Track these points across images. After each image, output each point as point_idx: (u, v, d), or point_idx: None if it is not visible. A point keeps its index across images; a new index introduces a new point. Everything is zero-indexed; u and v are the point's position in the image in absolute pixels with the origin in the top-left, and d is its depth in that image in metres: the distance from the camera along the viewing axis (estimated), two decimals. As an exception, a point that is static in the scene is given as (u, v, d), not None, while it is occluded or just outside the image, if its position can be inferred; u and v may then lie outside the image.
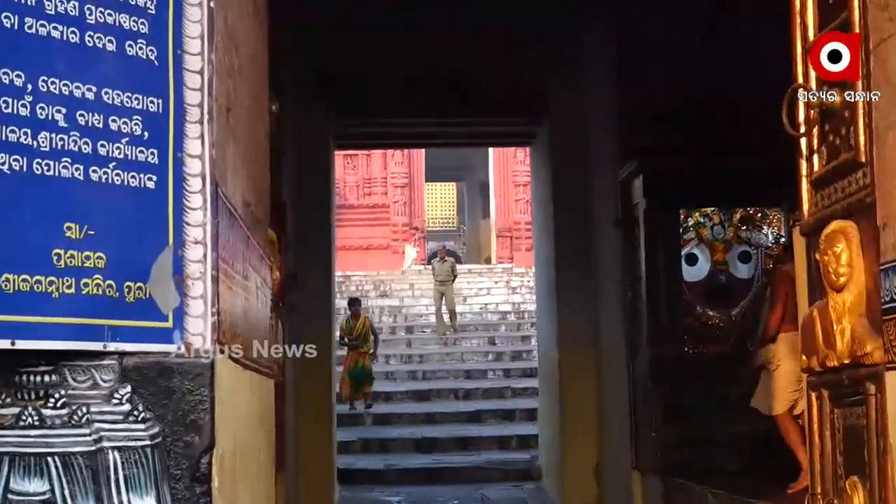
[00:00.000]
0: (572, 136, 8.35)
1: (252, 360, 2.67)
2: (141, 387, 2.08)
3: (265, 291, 3.08)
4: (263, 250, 3.07)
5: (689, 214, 7.11)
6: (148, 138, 2.11)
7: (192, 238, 2.13)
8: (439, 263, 18.28)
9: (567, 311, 8.47)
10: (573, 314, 8.40)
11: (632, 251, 7.15)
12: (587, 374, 8.28)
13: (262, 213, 3.08)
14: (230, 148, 2.41)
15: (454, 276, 18.11)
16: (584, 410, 8.29)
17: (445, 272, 17.94)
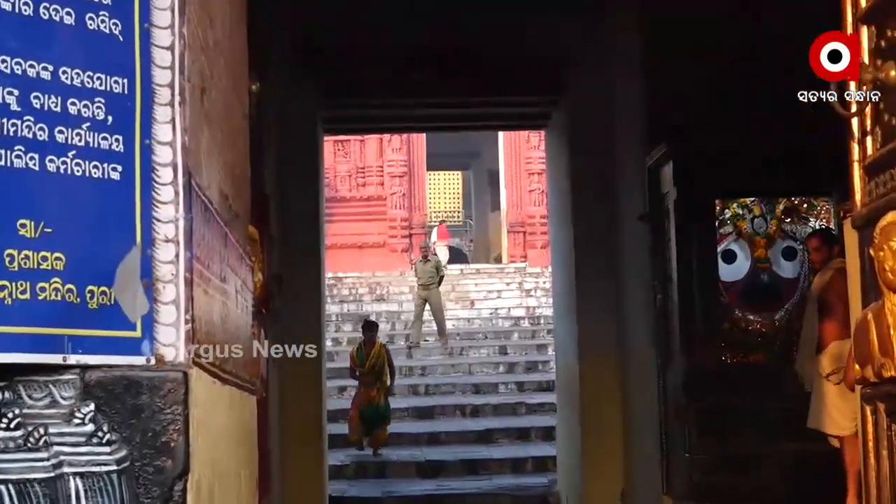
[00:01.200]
0: (593, 117, 8.34)
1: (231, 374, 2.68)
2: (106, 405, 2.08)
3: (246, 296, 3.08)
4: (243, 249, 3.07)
5: (727, 205, 7.11)
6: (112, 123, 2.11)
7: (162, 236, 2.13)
8: (422, 263, 17.61)
9: (588, 316, 8.47)
10: (595, 320, 8.39)
11: (661, 248, 7.15)
12: (611, 387, 8.28)
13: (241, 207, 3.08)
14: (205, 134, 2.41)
15: (440, 277, 17.60)
16: (608, 428, 8.29)
17: (429, 274, 17.34)
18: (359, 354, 11.79)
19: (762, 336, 6.99)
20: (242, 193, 3.14)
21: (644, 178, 7.37)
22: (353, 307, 20.16)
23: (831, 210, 7.07)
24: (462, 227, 31.65)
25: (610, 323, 8.29)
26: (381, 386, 11.86)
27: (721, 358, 6.88)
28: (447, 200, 32.96)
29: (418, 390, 15.02)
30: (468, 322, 19.51)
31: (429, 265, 17.51)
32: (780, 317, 7.02)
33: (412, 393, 14.80)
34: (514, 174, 25.35)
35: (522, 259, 24.47)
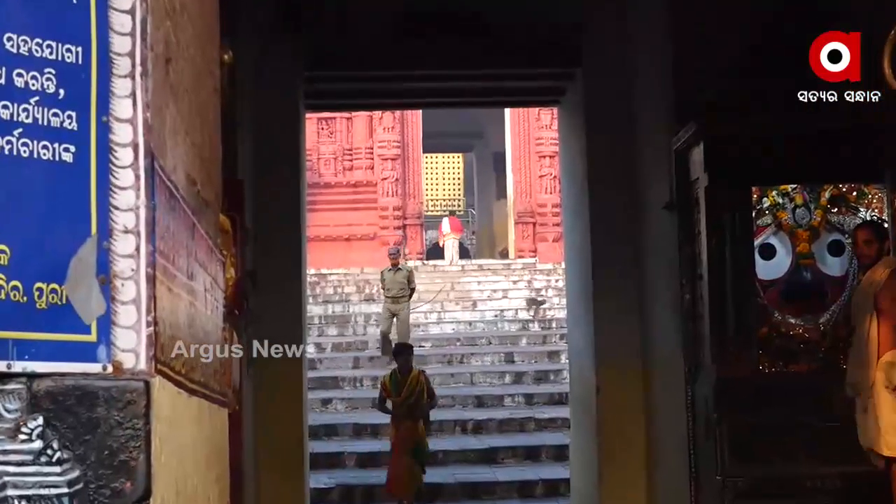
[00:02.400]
0: (613, 91, 8.34)
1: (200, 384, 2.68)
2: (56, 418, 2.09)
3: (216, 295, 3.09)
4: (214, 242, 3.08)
5: (765, 193, 7.10)
6: (64, 98, 2.11)
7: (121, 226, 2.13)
8: (391, 272, 17.11)
9: (607, 319, 8.48)
10: (615, 323, 8.40)
11: (690, 242, 7.16)
12: (633, 400, 8.29)
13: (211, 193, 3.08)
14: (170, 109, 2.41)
15: (411, 289, 17.21)
16: (629, 447, 8.30)
17: (399, 285, 16.96)
18: (392, 383, 10.69)
19: (805, 342, 6.99)
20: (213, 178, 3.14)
21: (671, 162, 7.37)
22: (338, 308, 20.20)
23: (884, 199, 7.07)
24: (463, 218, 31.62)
25: (631, 327, 8.29)
26: (423, 419, 10.70)
27: (758, 367, 6.88)
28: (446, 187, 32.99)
29: (412, 403, 15.02)
30: (469, 326, 19.55)
31: (399, 274, 17.06)
32: (825, 320, 7.02)
33: (406, 406, 14.80)
34: (523, 157, 25.37)
35: (532, 254, 24.51)
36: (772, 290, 7.05)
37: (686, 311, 7.25)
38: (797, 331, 7.01)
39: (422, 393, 10.60)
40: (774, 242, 7.12)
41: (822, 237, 7.13)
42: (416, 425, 10.53)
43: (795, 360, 6.95)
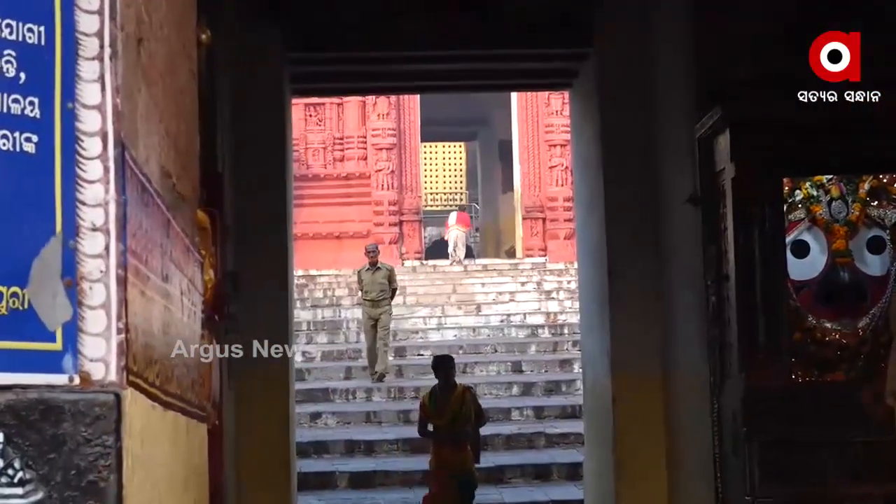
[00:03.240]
0: (630, 73, 8.33)
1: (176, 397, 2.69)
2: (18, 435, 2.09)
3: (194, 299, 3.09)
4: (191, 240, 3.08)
5: (798, 185, 7.10)
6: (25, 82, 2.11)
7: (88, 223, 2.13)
8: (369, 272, 16.68)
9: (625, 324, 8.47)
10: (633, 329, 8.39)
11: (716, 239, 7.15)
12: (653, 413, 8.28)
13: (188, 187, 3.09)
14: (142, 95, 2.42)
15: (393, 290, 16.83)
16: (648, 466, 8.29)
17: (379, 286, 16.51)
18: (432, 402, 9.97)
19: (842, 349, 6.98)
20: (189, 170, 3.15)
21: (694, 151, 7.36)
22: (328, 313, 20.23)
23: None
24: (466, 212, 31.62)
25: (651, 333, 8.28)
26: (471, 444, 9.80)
27: (791, 377, 6.88)
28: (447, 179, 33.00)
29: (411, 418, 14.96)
30: (473, 332, 19.55)
31: (379, 274, 16.60)
32: (864, 325, 7.01)
33: (403, 421, 14.80)
34: (531, 146, 25.37)
35: (541, 252, 24.51)
36: (805, 292, 7.05)
37: (711, 315, 7.25)
38: (833, 336, 7.00)
39: (468, 413, 9.79)
40: (808, 239, 7.11)
41: (860, 233, 7.12)
42: (462, 451, 9.66)
43: (832, 369, 6.94)
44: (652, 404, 8.29)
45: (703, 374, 7.38)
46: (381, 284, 16.49)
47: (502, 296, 21.21)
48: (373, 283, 16.51)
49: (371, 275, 16.61)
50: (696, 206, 7.39)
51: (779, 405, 6.76)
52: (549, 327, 19.48)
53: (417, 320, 19.92)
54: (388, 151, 24.59)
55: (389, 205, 24.46)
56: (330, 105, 24.34)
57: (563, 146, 23.50)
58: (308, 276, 21.59)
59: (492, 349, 18.38)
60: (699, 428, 7.48)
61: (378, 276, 16.59)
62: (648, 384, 8.28)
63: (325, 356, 17.85)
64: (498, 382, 16.44)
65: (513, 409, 15.24)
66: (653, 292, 8.31)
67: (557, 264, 22.91)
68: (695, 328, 7.57)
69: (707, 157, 7.24)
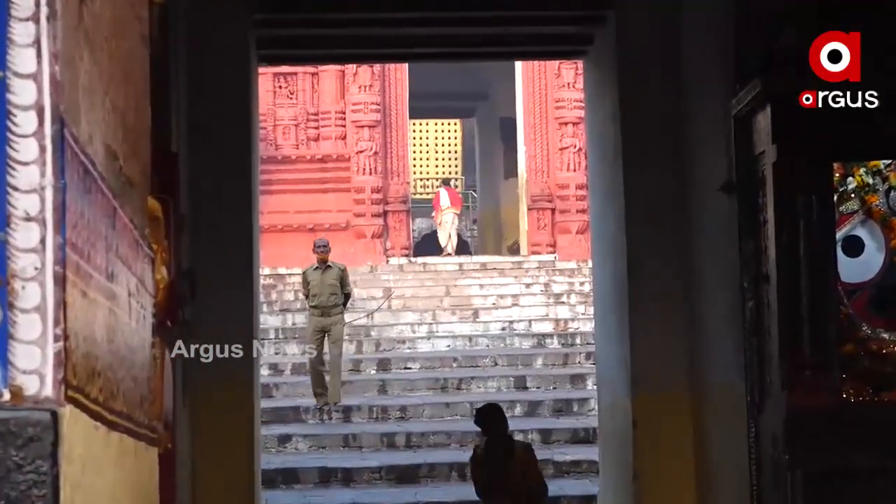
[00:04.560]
0: (654, 40, 8.34)
1: (122, 415, 2.69)
2: (-62, 459, 2.08)
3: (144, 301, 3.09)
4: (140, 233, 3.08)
5: (850, 172, 7.10)
6: (-53, 46, 2.11)
7: (21, 212, 2.13)
8: (318, 271, 15.91)
9: (647, 332, 8.48)
10: (657, 339, 8.41)
11: (754, 234, 7.16)
12: (679, 437, 8.30)
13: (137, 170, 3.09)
14: (85, 63, 2.41)
15: (346, 295, 16.09)
16: (674, 499, 8.30)
17: (329, 289, 15.68)
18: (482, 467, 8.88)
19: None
20: (139, 151, 3.14)
21: (729, 131, 7.37)
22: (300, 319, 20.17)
23: None
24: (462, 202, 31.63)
25: (678, 343, 8.30)
26: None
27: (841, 395, 6.88)
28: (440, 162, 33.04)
29: (395, 442, 15.04)
30: (469, 341, 19.54)
31: (329, 275, 15.78)
32: (928, 335, 7.03)
33: (387, 445, 14.82)
34: (539, 125, 25.37)
35: (550, 249, 24.52)
36: (859, 297, 7.05)
37: (748, 322, 7.26)
38: (891, 349, 7.02)
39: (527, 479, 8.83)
40: (862, 235, 7.12)
41: (923, 228, 7.14)
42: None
43: (889, 387, 6.95)
44: (678, 427, 8.30)
45: (738, 391, 7.39)
46: (332, 287, 15.76)
47: (504, 299, 21.20)
48: (322, 286, 15.74)
49: (320, 275, 15.84)
50: (731, 196, 7.39)
51: (827, 428, 6.77)
52: (558, 336, 19.48)
53: (404, 327, 19.91)
54: (371, 130, 24.57)
55: (372, 192, 24.44)
56: (303, 75, 24.30)
57: (576, 124, 23.48)
58: (276, 275, 21.58)
59: (491, 362, 18.37)
60: (734, 455, 7.49)
61: (328, 276, 15.84)
62: (674, 404, 8.29)
63: (297, 369, 17.81)
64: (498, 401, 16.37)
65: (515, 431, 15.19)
66: (680, 296, 8.32)
67: (568, 263, 22.91)
68: (729, 338, 7.58)
69: (744, 138, 7.24)
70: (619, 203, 8.83)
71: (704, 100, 7.89)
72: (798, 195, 6.88)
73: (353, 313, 19.49)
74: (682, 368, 8.29)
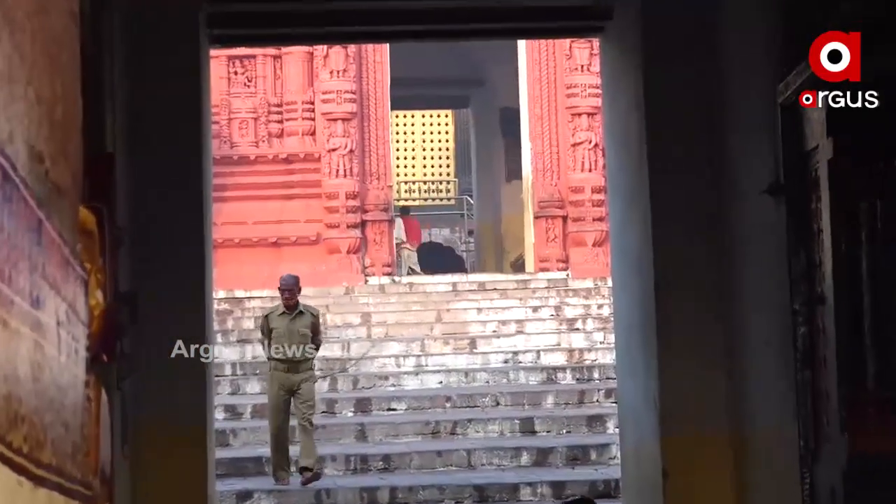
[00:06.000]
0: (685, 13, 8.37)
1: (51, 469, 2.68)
2: None
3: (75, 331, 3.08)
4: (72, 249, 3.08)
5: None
6: None
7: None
8: (282, 318, 14.92)
9: (678, 364, 8.48)
10: (690, 373, 8.41)
11: (806, 244, 7.17)
12: (719, 490, 8.31)
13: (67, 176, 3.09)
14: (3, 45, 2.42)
15: (317, 346, 15.21)
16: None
17: (298, 339, 14.70)
18: None
19: None
20: (69, 152, 3.14)
21: (775, 123, 7.38)
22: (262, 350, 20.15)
23: None
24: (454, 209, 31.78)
25: (715, 378, 8.30)
26: None
27: (914, 439, 6.90)
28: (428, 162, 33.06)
29: (378, 499, 15.02)
30: (466, 377, 19.52)
31: (299, 322, 14.86)
32: None
33: (368, 503, 14.81)
34: (546, 115, 25.39)
35: (561, 265, 24.52)
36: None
37: (801, 352, 7.26)
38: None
39: None
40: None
41: None
42: None
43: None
44: (717, 478, 8.32)
45: (789, 435, 7.40)
46: (302, 337, 14.74)
47: (506, 326, 21.20)
48: (290, 335, 14.69)
49: (287, 322, 14.83)
50: (779, 200, 7.40)
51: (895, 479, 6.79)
52: (572, 370, 19.48)
53: (387, 360, 19.89)
54: (346, 123, 24.56)
55: (347, 198, 24.42)
56: (263, 58, 24.30)
57: (591, 115, 23.54)
58: (233, 298, 21.56)
59: (492, 401, 18.34)
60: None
61: (298, 324, 14.84)
62: (712, 450, 8.30)
63: (258, 412, 17.76)
64: (501, 448, 16.42)
65: (522, 484, 15.24)
66: (718, 320, 8.33)
67: (583, 281, 22.93)
68: (777, 370, 7.59)
69: (794, 131, 7.26)
70: (644, 209, 8.84)
71: (745, 84, 7.90)
72: (859, 199, 6.89)
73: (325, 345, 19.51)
74: (721, 407, 8.29)
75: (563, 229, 24.95)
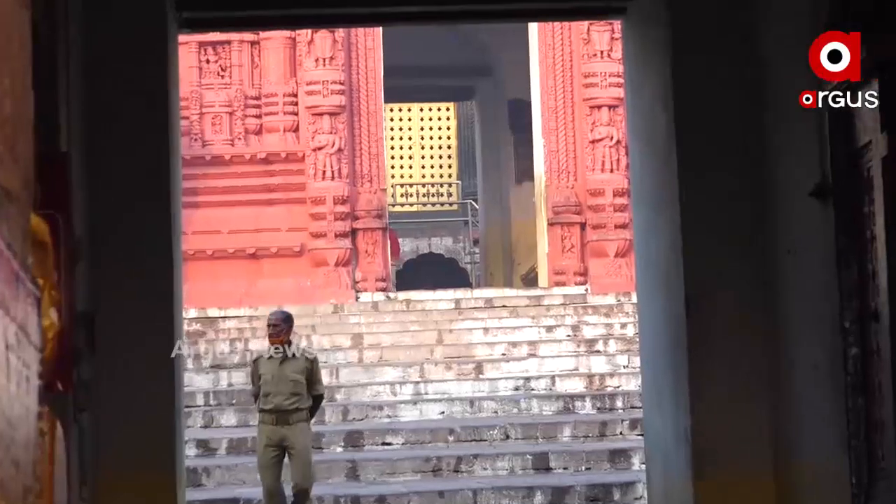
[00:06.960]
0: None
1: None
2: None
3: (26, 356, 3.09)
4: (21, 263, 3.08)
5: None
6: None
7: None
8: (272, 364, 14.17)
9: (714, 392, 8.50)
10: (728, 401, 8.42)
11: (858, 253, 7.18)
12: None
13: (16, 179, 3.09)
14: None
15: (316, 398, 14.45)
16: None
17: (290, 386, 14.01)
18: None
19: None
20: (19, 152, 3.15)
21: (821, 116, 7.39)
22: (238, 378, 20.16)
23: None
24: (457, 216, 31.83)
25: (755, 407, 8.32)
26: None
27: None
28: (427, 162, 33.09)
29: (372, 544, 15.05)
30: (471, 406, 19.53)
31: (290, 367, 14.05)
32: None
33: (360, 550, 14.83)
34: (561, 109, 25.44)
35: (579, 279, 24.55)
36: None
37: (852, 377, 7.27)
38: None
39: None
40: None
41: None
42: None
43: None
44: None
45: (839, 470, 7.41)
46: (293, 385, 14.07)
47: (517, 348, 21.22)
48: (280, 382, 14.05)
49: (278, 367, 14.12)
50: (826, 203, 7.41)
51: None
52: (591, 398, 19.48)
53: (381, 388, 19.88)
54: (333, 118, 24.59)
55: (335, 203, 24.44)
56: (239, 45, 24.35)
57: (613, 108, 23.60)
58: (206, 318, 21.58)
59: (501, 434, 18.36)
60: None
61: (289, 369, 14.11)
62: (753, 489, 8.32)
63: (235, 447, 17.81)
64: (511, 487, 16.43)
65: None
66: (758, 341, 8.34)
67: (604, 297, 22.95)
68: (825, 398, 7.59)
69: (843, 126, 7.27)
70: (673, 215, 8.85)
71: (787, 72, 7.91)
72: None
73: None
74: (763, 440, 8.31)
75: (581, 238, 24.98)
